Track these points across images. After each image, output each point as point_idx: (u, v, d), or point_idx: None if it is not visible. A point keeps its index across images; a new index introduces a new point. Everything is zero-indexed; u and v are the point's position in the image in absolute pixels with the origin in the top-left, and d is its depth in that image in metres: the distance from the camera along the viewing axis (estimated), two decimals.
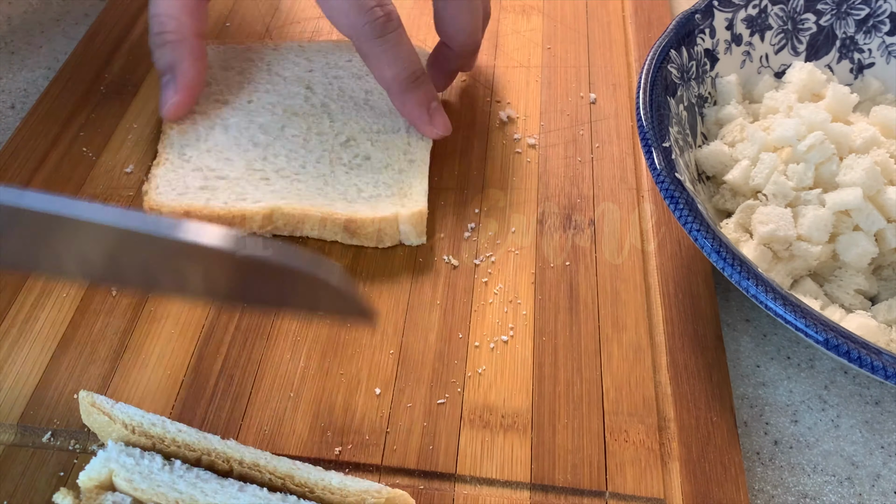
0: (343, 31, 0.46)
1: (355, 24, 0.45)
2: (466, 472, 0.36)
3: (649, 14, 0.61)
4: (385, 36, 0.45)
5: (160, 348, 0.40)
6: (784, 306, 0.35)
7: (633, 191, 0.49)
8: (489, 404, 0.39)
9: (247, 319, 0.42)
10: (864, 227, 0.41)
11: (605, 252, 0.46)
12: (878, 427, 0.40)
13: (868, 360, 0.33)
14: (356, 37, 0.46)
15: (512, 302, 0.43)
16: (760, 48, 0.51)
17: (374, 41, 0.45)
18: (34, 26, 0.61)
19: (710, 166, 0.46)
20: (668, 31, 0.47)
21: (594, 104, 0.54)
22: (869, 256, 0.41)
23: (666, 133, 0.42)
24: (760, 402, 0.41)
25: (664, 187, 0.39)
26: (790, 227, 0.41)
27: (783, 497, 0.38)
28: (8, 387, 0.39)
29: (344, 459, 0.37)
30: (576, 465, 0.37)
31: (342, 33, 0.46)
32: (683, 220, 0.38)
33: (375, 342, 0.41)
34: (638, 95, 0.44)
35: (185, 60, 0.48)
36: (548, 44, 0.59)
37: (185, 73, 0.48)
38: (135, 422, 0.34)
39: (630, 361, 0.41)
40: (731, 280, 0.36)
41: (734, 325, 0.44)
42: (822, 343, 0.34)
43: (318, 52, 0.55)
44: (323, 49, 0.55)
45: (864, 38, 0.52)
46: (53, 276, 0.42)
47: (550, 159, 0.51)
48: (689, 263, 0.45)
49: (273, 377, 0.39)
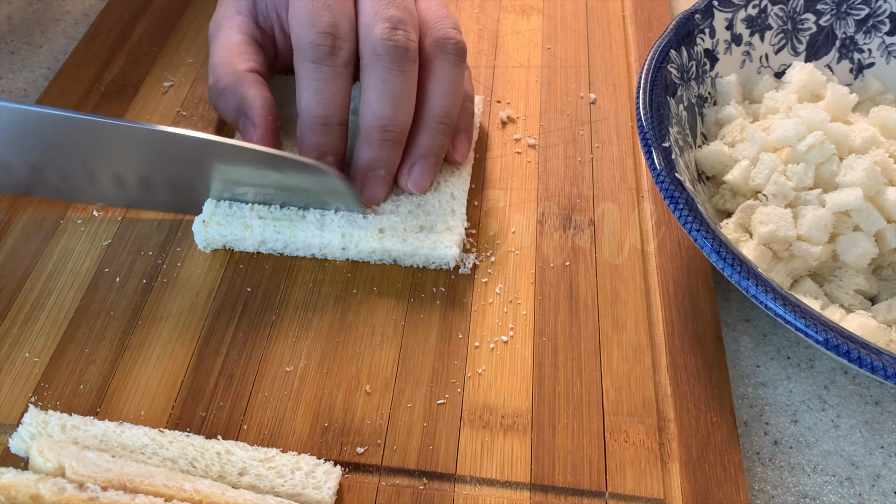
0: (291, 38, 0.44)
1: (300, 36, 0.43)
2: (466, 473, 0.36)
3: (649, 14, 0.61)
4: (320, 65, 0.42)
5: (160, 348, 0.40)
6: (784, 306, 0.35)
7: (633, 191, 0.49)
8: (489, 404, 0.39)
9: (247, 319, 0.42)
10: (864, 227, 0.41)
11: (605, 252, 0.46)
12: (878, 427, 0.40)
13: (868, 360, 0.33)
14: (296, 50, 0.43)
15: (512, 302, 0.43)
16: (760, 48, 0.51)
17: (308, 63, 0.42)
18: (34, 26, 0.61)
19: (710, 166, 0.46)
20: (668, 31, 0.47)
21: (594, 104, 0.54)
22: (869, 257, 0.41)
23: (666, 133, 0.42)
24: (760, 402, 0.41)
25: (664, 187, 0.39)
26: (790, 228, 0.41)
27: (783, 497, 0.38)
28: (8, 387, 0.39)
29: (344, 459, 0.37)
30: (576, 466, 0.37)
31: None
32: (683, 219, 0.38)
33: (375, 342, 0.41)
34: (638, 95, 0.44)
35: (247, 94, 0.45)
36: (548, 44, 0.59)
37: (252, 105, 0.44)
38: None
39: (630, 362, 0.41)
40: (731, 280, 0.36)
41: (734, 325, 0.44)
42: (822, 343, 0.34)
43: None
44: None
45: (863, 38, 0.52)
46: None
47: (550, 159, 0.51)
48: (689, 263, 0.45)
49: (273, 377, 0.40)
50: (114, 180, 0.44)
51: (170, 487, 0.32)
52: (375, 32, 0.42)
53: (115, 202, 0.46)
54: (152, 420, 0.38)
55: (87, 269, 0.44)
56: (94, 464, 0.33)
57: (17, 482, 0.31)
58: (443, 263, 0.44)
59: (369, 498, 0.35)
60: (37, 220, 0.46)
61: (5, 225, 0.46)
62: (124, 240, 0.45)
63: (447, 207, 0.45)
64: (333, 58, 0.42)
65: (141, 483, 0.32)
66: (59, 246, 0.45)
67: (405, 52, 0.42)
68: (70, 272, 0.43)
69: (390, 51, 0.42)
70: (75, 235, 0.45)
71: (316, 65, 0.42)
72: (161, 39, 0.58)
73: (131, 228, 0.46)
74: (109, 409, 0.38)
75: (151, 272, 0.44)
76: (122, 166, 0.43)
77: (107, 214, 0.46)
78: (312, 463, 0.35)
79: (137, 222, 0.46)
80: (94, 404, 0.38)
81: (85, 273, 0.43)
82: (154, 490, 0.32)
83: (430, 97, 0.44)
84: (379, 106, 0.43)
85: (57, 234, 0.45)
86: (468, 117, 0.48)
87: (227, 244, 0.44)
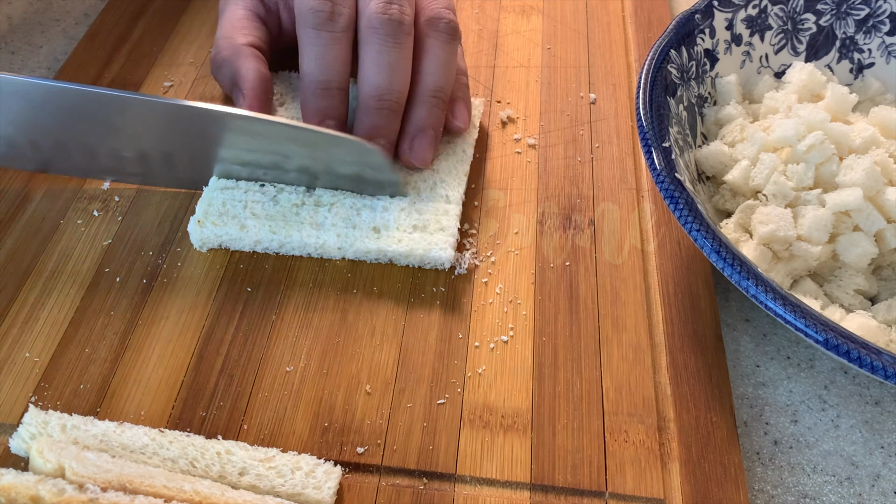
0: (294, 12, 0.46)
1: (300, 4, 0.45)
2: (466, 473, 0.36)
3: (649, 14, 0.61)
4: (320, 31, 0.44)
5: (160, 348, 0.40)
6: (784, 306, 0.35)
7: (633, 191, 0.49)
8: (489, 404, 0.39)
9: (247, 319, 0.42)
10: (864, 227, 0.41)
11: (604, 252, 0.46)
12: (878, 427, 0.40)
13: (868, 359, 0.33)
14: (297, 17, 0.45)
15: (512, 302, 0.43)
16: (760, 48, 0.51)
17: (309, 30, 0.44)
18: (34, 26, 0.61)
19: (710, 166, 0.46)
20: (668, 31, 0.47)
21: (594, 104, 0.54)
22: (869, 257, 0.41)
23: (666, 133, 0.42)
24: (760, 402, 0.41)
25: (664, 187, 0.39)
26: (790, 228, 0.41)
27: (783, 497, 0.38)
28: (8, 387, 0.39)
29: (344, 459, 0.37)
30: (576, 466, 0.37)
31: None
32: (683, 220, 0.38)
33: (375, 342, 0.41)
34: (638, 96, 0.44)
35: (241, 66, 0.47)
36: (548, 44, 0.59)
37: (244, 77, 0.47)
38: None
39: (630, 362, 0.41)
40: (731, 280, 0.36)
41: (734, 325, 0.44)
42: (822, 343, 0.34)
43: None
44: None
45: (863, 38, 0.52)
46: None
47: (550, 159, 0.51)
48: (688, 263, 0.45)
49: (273, 377, 0.40)
50: (138, 156, 0.45)
51: (169, 488, 0.32)
52: (371, 6, 0.44)
53: (138, 178, 0.47)
54: (152, 420, 0.38)
55: (87, 269, 0.44)
56: (93, 464, 0.33)
57: (17, 483, 0.31)
58: (438, 264, 0.44)
59: (369, 498, 0.35)
60: (37, 219, 0.46)
61: (6, 225, 0.46)
62: (124, 240, 0.45)
63: (441, 208, 0.45)
64: (332, 23, 0.44)
65: (141, 484, 0.32)
66: (59, 246, 0.45)
67: (399, 25, 0.44)
68: (70, 272, 0.44)
69: (385, 24, 0.44)
70: (75, 235, 0.45)
71: (316, 31, 0.44)
72: (161, 39, 0.58)
73: (131, 228, 0.46)
74: (110, 409, 0.38)
75: (151, 272, 0.44)
76: (150, 142, 0.44)
77: (107, 214, 0.46)
78: (312, 463, 0.36)
79: (137, 222, 0.46)
80: (94, 404, 0.38)
81: (85, 273, 0.44)
82: (154, 491, 0.32)
83: (424, 73, 0.46)
84: (375, 77, 0.44)
85: (57, 234, 0.45)
86: (464, 88, 0.49)
87: (223, 244, 0.44)
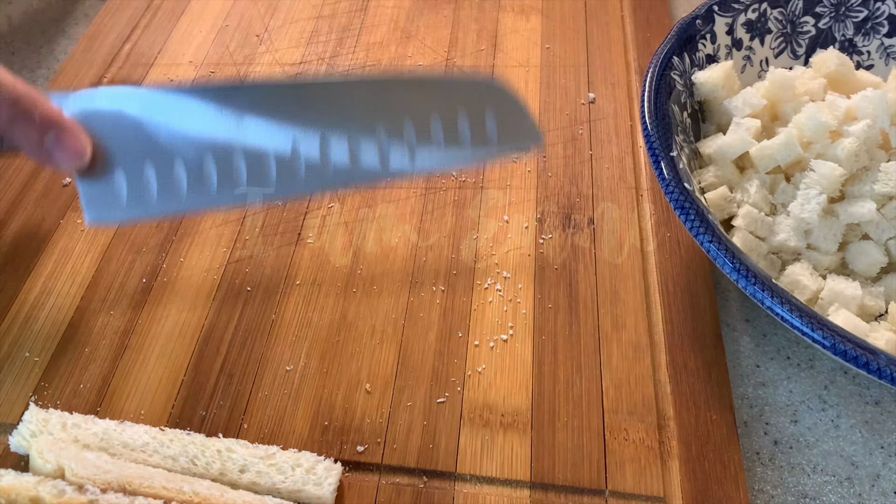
0: None
1: None
2: (466, 471, 0.36)
3: (648, 14, 0.61)
4: None
5: (160, 348, 0.40)
6: (801, 318, 0.34)
7: (633, 190, 0.49)
8: (489, 403, 0.39)
9: (247, 319, 0.42)
10: (873, 236, 0.41)
11: (604, 251, 0.46)
12: (878, 427, 0.40)
13: (866, 360, 0.33)
14: None
15: (511, 301, 0.43)
16: (760, 52, 0.51)
17: None
18: (34, 26, 0.61)
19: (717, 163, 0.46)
20: (670, 37, 0.47)
21: (593, 104, 0.54)
22: (878, 266, 0.41)
23: (671, 141, 0.42)
24: (760, 402, 0.41)
25: (674, 198, 0.39)
26: (801, 238, 0.41)
27: (783, 497, 0.38)
28: (8, 386, 0.39)
29: (344, 458, 0.37)
30: (575, 464, 0.37)
31: None
32: (695, 231, 0.38)
33: (375, 341, 0.41)
34: (643, 104, 0.43)
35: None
36: (547, 43, 0.59)
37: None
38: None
39: (629, 360, 0.41)
40: (745, 291, 0.36)
41: (734, 325, 0.44)
42: (821, 343, 0.34)
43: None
44: None
45: (862, 40, 0.52)
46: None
47: (550, 159, 0.51)
48: (688, 263, 0.45)
49: (273, 376, 0.40)
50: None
51: (169, 489, 0.32)
52: None
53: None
54: (153, 419, 0.38)
55: (87, 269, 0.44)
56: (93, 465, 0.33)
57: (17, 485, 0.31)
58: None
59: (370, 496, 0.35)
60: (37, 220, 0.46)
61: (6, 225, 0.46)
62: (124, 240, 0.45)
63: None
64: None
65: (140, 485, 0.32)
66: (59, 246, 0.45)
67: None
68: (70, 272, 0.43)
69: None
70: (75, 235, 0.45)
71: None
72: (161, 39, 0.58)
73: (131, 228, 0.46)
74: (110, 408, 0.38)
75: (151, 272, 0.44)
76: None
77: None
78: (313, 460, 0.36)
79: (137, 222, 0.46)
80: (94, 403, 0.38)
81: (85, 273, 0.44)
82: (153, 492, 0.32)
83: None
84: None
85: (57, 234, 0.45)
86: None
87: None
